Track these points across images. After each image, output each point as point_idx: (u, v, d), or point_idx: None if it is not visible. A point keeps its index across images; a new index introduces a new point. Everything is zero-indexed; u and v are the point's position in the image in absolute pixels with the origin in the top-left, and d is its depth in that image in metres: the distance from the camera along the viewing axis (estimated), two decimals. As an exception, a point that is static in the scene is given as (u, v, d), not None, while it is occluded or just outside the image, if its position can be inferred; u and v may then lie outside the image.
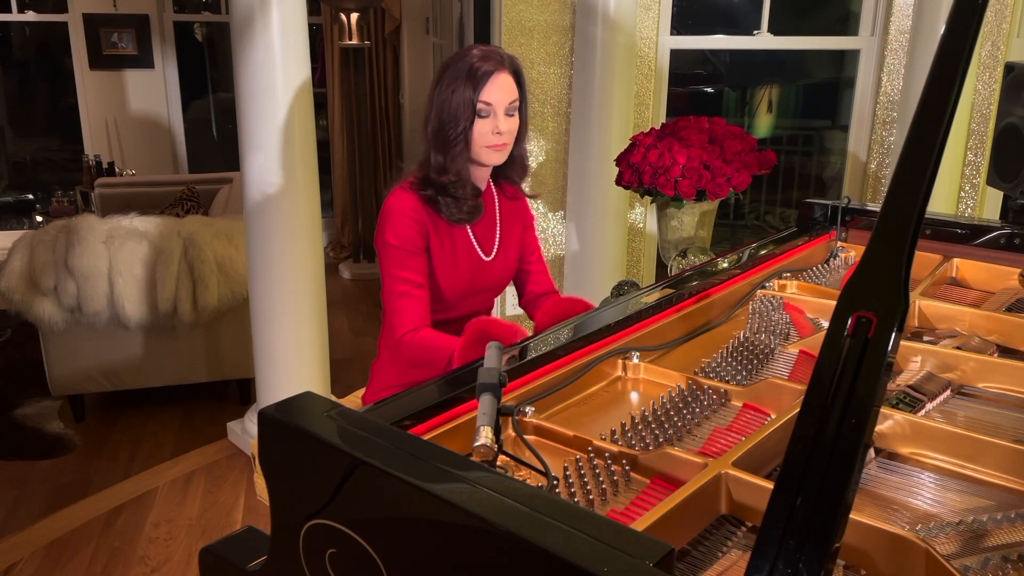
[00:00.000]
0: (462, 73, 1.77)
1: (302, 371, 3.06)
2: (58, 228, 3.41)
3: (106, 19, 6.01)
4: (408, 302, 1.81)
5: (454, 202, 1.84)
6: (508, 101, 1.80)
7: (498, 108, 1.79)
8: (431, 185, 1.84)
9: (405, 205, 1.82)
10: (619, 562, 0.75)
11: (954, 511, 1.11)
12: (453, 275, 1.89)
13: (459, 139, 1.79)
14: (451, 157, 1.81)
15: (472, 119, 1.78)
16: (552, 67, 3.77)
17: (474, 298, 1.97)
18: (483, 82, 1.76)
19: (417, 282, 1.82)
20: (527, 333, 1.61)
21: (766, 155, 2.74)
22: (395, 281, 1.82)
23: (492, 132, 1.79)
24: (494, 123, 1.79)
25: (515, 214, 2.03)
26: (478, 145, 1.81)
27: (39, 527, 2.89)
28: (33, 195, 7.10)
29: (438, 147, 1.82)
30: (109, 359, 3.54)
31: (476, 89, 1.76)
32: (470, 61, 1.78)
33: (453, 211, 1.85)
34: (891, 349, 0.84)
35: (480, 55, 1.79)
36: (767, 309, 1.80)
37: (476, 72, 1.76)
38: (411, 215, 1.82)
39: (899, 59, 3.83)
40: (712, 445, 1.24)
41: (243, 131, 2.89)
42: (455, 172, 1.82)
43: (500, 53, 1.81)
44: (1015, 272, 1.94)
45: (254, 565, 1.13)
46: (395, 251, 1.81)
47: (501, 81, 1.78)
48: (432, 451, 0.97)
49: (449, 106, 1.78)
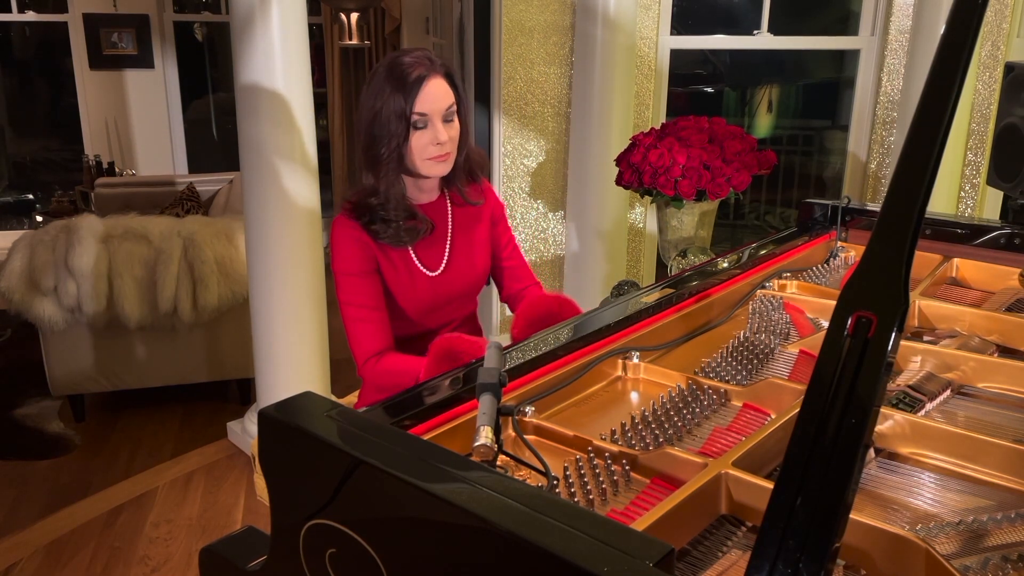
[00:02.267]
0: (391, 83, 1.64)
1: (302, 371, 3.06)
2: (58, 228, 3.41)
3: (106, 19, 6.01)
4: (364, 327, 1.74)
5: (387, 227, 1.73)
6: (445, 107, 1.68)
7: (435, 116, 1.66)
8: (366, 211, 1.73)
9: (347, 230, 1.74)
10: (619, 562, 0.75)
11: (954, 511, 1.11)
12: (411, 294, 1.81)
13: (392, 156, 1.67)
14: (384, 178, 1.70)
15: (407, 133, 1.66)
16: (552, 67, 3.77)
17: (440, 312, 1.88)
18: (414, 91, 1.64)
19: (371, 305, 1.75)
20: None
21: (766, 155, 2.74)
22: (349, 308, 1.75)
23: (432, 143, 1.68)
24: (432, 133, 1.67)
25: (472, 219, 1.90)
26: (419, 159, 1.69)
27: (39, 527, 2.89)
28: (33, 195, 7.10)
29: (369, 166, 1.71)
30: (109, 359, 3.54)
31: (408, 99, 1.64)
32: (397, 70, 1.65)
33: (392, 236, 1.74)
34: (891, 349, 0.84)
35: (405, 64, 1.66)
36: (767, 309, 1.80)
37: (406, 80, 1.63)
38: (354, 237, 1.73)
39: (899, 59, 3.83)
40: (712, 445, 1.24)
41: (243, 131, 2.89)
42: (384, 194, 1.71)
43: (429, 56, 1.68)
44: (1015, 272, 1.94)
45: (254, 565, 1.13)
46: (345, 278, 1.74)
47: (434, 87, 1.65)
48: (432, 451, 0.97)
49: (379, 121, 1.65)
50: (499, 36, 3.71)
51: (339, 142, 6.10)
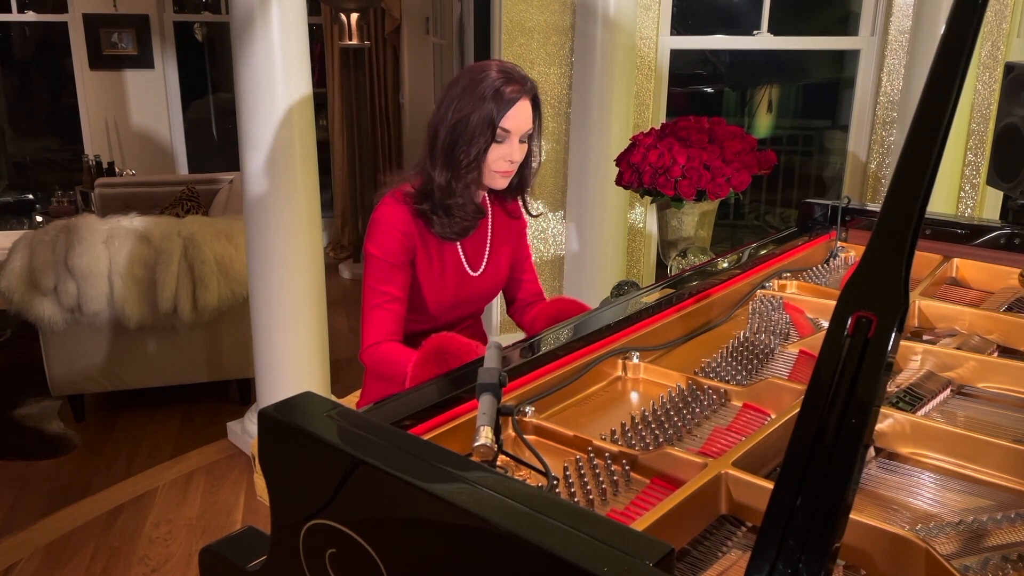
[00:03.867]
0: (486, 93, 1.68)
1: (302, 371, 3.06)
2: (58, 228, 3.41)
3: (106, 19, 6.01)
4: (380, 314, 1.77)
5: (449, 221, 1.79)
6: (525, 130, 1.74)
7: (515, 135, 1.73)
8: (429, 200, 1.78)
9: (395, 217, 1.77)
10: (619, 562, 0.75)
11: (954, 511, 1.11)
12: (439, 289, 1.85)
13: (473, 164, 1.73)
14: (460, 179, 1.75)
15: (489, 143, 1.71)
16: (552, 67, 3.77)
17: (459, 310, 1.93)
18: (507, 107, 1.69)
19: (394, 295, 1.78)
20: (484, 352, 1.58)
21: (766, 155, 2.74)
22: (372, 293, 1.78)
23: (505, 159, 1.74)
24: (508, 150, 1.73)
25: (510, 230, 1.98)
26: (487, 169, 1.75)
27: (39, 527, 2.89)
28: (33, 195, 7.10)
29: (447, 165, 1.75)
30: (109, 359, 3.54)
31: (499, 113, 1.69)
32: (494, 82, 1.69)
33: (447, 229, 1.80)
34: (891, 349, 0.84)
35: (503, 77, 1.70)
36: (767, 309, 1.80)
37: (501, 95, 1.69)
38: (399, 228, 1.77)
39: (899, 59, 3.83)
40: (712, 445, 1.24)
41: (243, 131, 2.89)
42: (461, 194, 1.77)
43: (523, 76, 1.74)
44: (1015, 272, 1.94)
45: (254, 565, 1.13)
46: (377, 262, 1.77)
47: (523, 108, 1.72)
48: (432, 451, 0.97)
49: (467, 125, 1.70)
50: (499, 36, 3.71)
51: (339, 142, 6.10)
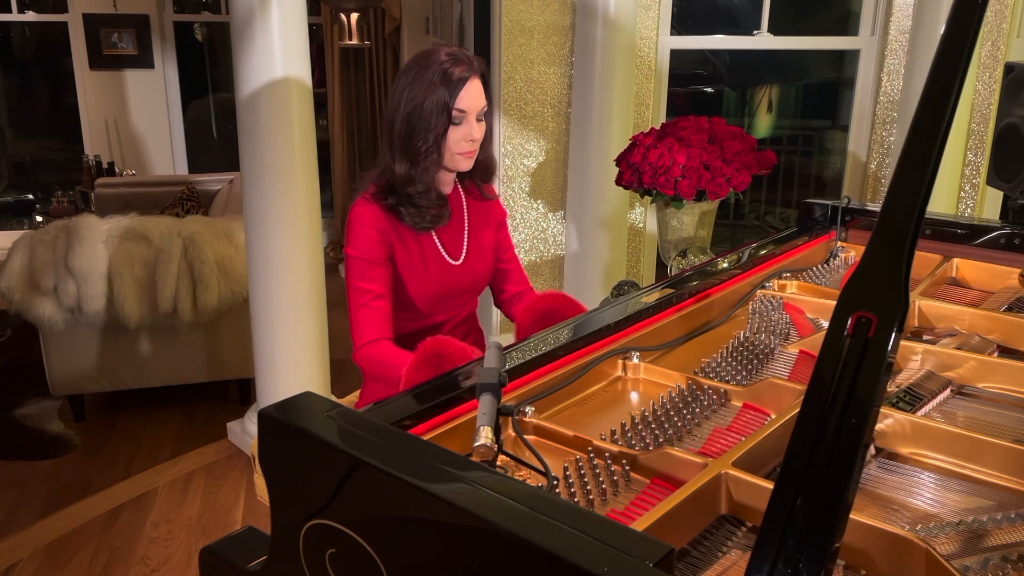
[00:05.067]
0: (435, 78, 1.70)
1: (302, 371, 3.06)
2: (58, 228, 3.41)
3: (106, 19, 6.01)
4: (367, 313, 1.78)
5: (417, 211, 1.80)
6: (480, 107, 1.76)
7: (471, 114, 1.75)
8: (394, 194, 1.79)
9: (367, 216, 1.78)
10: (619, 562, 0.75)
11: (954, 511, 1.11)
12: (423, 283, 1.86)
13: (431, 149, 1.74)
14: (419, 167, 1.76)
15: (447, 126, 1.73)
16: (552, 67, 3.77)
17: (448, 303, 1.93)
18: (459, 88, 1.71)
19: (377, 292, 1.78)
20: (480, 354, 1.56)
21: (766, 155, 2.74)
22: (356, 292, 1.79)
23: (466, 139, 1.76)
24: (467, 130, 1.75)
25: (486, 215, 1.98)
26: (450, 152, 1.77)
27: (39, 527, 2.89)
28: (33, 195, 7.10)
29: (406, 155, 1.76)
30: (109, 359, 3.54)
31: (451, 95, 1.70)
32: (442, 65, 1.71)
33: (416, 219, 1.81)
34: (891, 349, 0.84)
35: (451, 59, 1.72)
36: (767, 309, 1.80)
37: (451, 77, 1.70)
38: (373, 224, 1.78)
39: (899, 59, 3.83)
40: (712, 445, 1.24)
41: (243, 131, 2.89)
42: (422, 182, 1.78)
43: (469, 57, 1.75)
44: (1015, 272, 1.94)
45: (254, 565, 1.13)
46: (356, 262, 1.79)
47: (474, 86, 1.73)
48: (432, 451, 0.97)
49: (422, 112, 1.71)
50: (499, 36, 3.71)
51: (339, 142, 6.10)
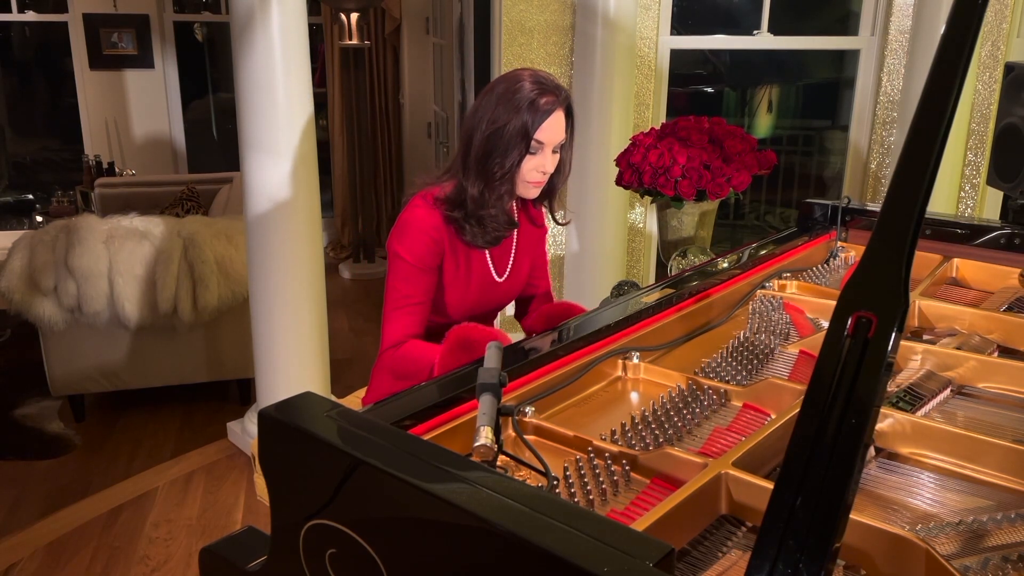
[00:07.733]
0: (521, 104, 1.65)
1: (302, 371, 3.06)
2: (58, 228, 3.41)
3: (106, 19, 6.01)
4: (402, 316, 1.76)
5: (482, 231, 1.77)
6: (558, 141, 1.72)
7: (548, 146, 1.71)
8: (461, 209, 1.75)
9: (426, 223, 1.74)
10: (619, 562, 0.75)
11: (954, 511, 1.11)
12: (463, 295, 1.84)
13: (507, 174, 1.70)
14: (493, 190, 1.72)
15: (523, 154, 1.69)
16: (552, 67, 3.77)
17: (477, 313, 1.93)
18: (543, 119, 1.66)
19: (418, 300, 1.77)
20: (511, 339, 1.57)
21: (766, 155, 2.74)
22: (396, 295, 1.77)
23: (537, 170, 1.72)
24: (541, 161, 1.72)
25: (533, 237, 1.98)
26: (520, 179, 1.73)
27: (39, 527, 2.89)
28: (33, 195, 7.10)
29: (480, 176, 1.72)
30: (109, 359, 3.54)
31: (534, 124, 1.66)
32: (529, 92, 1.66)
33: (478, 238, 1.78)
34: (891, 349, 0.84)
35: (539, 88, 1.67)
36: (767, 309, 1.80)
37: (536, 106, 1.66)
38: (431, 233, 1.74)
39: (899, 59, 3.83)
40: (712, 445, 1.24)
41: (243, 131, 2.89)
42: (496, 206, 1.75)
43: (558, 86, 1.71)
44: (1015, 272, 1.94)
45: (254, 565, 1.13)
46: (405, 265, 1.75)
47: (557, 119, 1.69)
48: (432, 451, 0.97)
49: (501, 136, 1.67)
50: (499, 36, 3.71)
51: (339, 142, 6.10)
